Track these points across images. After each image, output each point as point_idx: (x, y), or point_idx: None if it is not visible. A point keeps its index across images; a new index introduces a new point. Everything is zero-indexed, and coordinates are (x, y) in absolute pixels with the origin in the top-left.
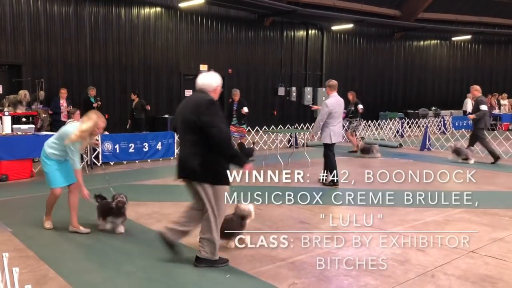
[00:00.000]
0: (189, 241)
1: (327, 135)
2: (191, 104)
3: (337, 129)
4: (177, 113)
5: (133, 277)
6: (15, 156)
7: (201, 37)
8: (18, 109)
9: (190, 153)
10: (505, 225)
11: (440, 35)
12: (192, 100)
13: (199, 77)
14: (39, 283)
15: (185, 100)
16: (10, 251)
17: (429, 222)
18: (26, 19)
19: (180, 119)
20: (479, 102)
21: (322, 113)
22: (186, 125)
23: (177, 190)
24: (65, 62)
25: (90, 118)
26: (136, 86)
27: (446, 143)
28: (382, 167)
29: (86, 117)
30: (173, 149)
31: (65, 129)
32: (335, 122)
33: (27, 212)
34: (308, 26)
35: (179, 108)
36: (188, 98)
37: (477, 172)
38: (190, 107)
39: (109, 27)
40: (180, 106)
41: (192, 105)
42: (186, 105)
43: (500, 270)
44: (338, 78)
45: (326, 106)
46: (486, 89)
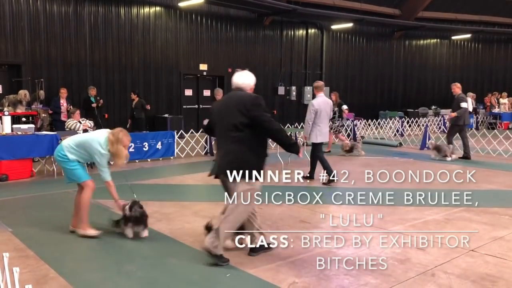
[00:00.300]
0: (188, 240)
1: (314, 134)
2: (235, 101)
3: (323, 129)
4: (217, 111)
5: (134, 276)
6: (15, 156)
7: (201, 36)
8: (18, 108)
9: (236, 150)
10: (505, 223)
11: (440, 34)
12: (236, 98)
13: (236, 77)
14: (39, 283)
15: (224, 99)
16: (10, 251)
17: (429, 221)
18: (26, 18)
19: (223, 117)
20: (460, 100)
21: (310, 113)
22: (231, 123)
23: (177, 189)
24: (64, 62)
25: (119, 140)
26: (136, 85)
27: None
28: (382, 166)
29: (114, 137)
30: (173, 148)
31: (89, 141)
32: (322, 122)
33: (27, 212)
34: (308, 25)
35: (218, 106)
36: (227, 96)
37: (476, 171)
38: (235, 105)
39: (108, 27)
40: (219, 104)
41: (237, 103)
42: (228, 103)
43: (500, 269)
44: (338, 77)
45: (312, 106)
46: (486, 88)
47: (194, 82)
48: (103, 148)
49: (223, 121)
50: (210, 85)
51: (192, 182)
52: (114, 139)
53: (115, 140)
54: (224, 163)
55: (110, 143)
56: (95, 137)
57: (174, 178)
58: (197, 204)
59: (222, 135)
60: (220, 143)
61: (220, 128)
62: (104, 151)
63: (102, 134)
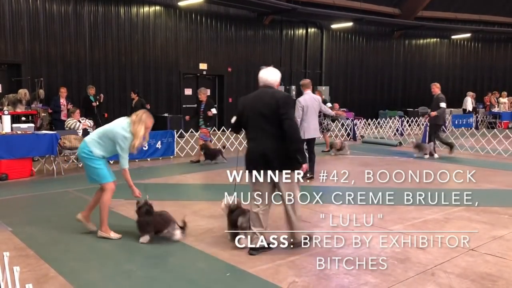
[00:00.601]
0: (188, 239)
1: (301, 132)
2: (267, 98)
3: (311, 125)
4: (249, 107)
5: (134, 276)
6: (15, 155)
7: (201, 35)
8: (17, 108)
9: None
10: (505, 223)
11: (439, 34)
12: (267, 95)
13: (264, 73)
14: (39, 282)
15: (255, 95)
16: (10, 250)
17: (429, 220)
18: (26, 18)
19: (257, 112)
20: (439, 99)
21: (298, 110)
22: (268, 118)
23: (177, 189)
24: (64, 61)
25: (141, 120)
26: (136, 84)
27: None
28: (382, 165)
29: (137, 117)
30: (172, 147)
31: (112, 128)
32: (309, 119)
33: (27, 211)
34: (307, 24)
35: (249, 101)
36: (258, 93)
37: (476, 171)
38: (268, 101)
39: (108, 26)
40: (250, 100)
41: (270, 99)
42: (260, 99)
43: (500, 268)
44: (338, 76)
45: (299, 103)
46: (485, 87)
47: (194, 82)
48: (126, 131)
49: (259, 116)
50: (210, 85)
51: (192, 181)
52: (137, 119)
53: (137, 119)
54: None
55: (132, 123)
56: (117, 123)
57: (174, 177)
58: (197, 204)
59: (255, 130)
60: (253, 137)
61: (254, 123)
62: (128, 134)
63: (124, 119)
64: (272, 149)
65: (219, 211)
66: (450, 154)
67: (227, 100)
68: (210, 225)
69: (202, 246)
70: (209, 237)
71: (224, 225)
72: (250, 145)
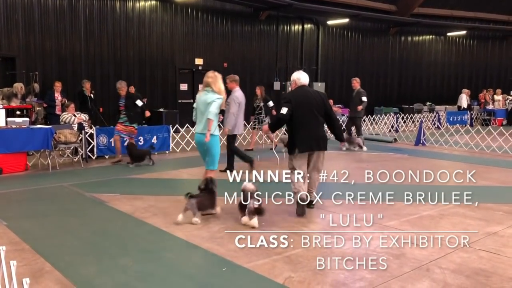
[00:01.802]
0: (184, 234)
1: (236, 127)
2: (315, 95)
3: (241, 121)
4: (303, 102)
5: (129, 270)
6: (10, 149)
7: (197, 30)
8: (12, 102)
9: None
10: (499, 219)
11: (435, 31)
12: (314, 92)
13: (301, 75)
14: (35, 276)
15: (303, 92)
16: (5, 244)
17: (424, 217)
18: (20, 11)
19: (312, 106)
20: (361, 94)
21: (234, 106)
22: (319, 110)
23: (172, 184)
24: (59, 55)
25: (217, 77)
26: (131, 79)
27: (441, 138)
28: (378, 161)
29: (213, 79)
30: (168, 143)
31: (207, 99)
32: (241, 115)
33: (22, 206)
34: (303, 20)
35: (300, 97)
36: (305, 90)
37: (470, 167)
38: (317, 97)
39: (104, 20)
40: (301, 96)
41: (318, 96)
42: (310, 96)
43: (494, 264)
44: (333, 72)
45: (237, 99)
46: (480, 85)
47: (189, 77)
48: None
49: (314, 109)
50: None
51: (187, 176)
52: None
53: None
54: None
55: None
56: (207, 96)
57: (169, 172)
58: None
59: (310, 119)
60: (307, 125)
61: (309, 113)
62: (219, 97)
63: (211, 93)
64: (323, 134)
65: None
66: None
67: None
68: (205, 220)
69: (198, 241)
70: (205, 232)
71: (220, 220)
72: (301, 132)
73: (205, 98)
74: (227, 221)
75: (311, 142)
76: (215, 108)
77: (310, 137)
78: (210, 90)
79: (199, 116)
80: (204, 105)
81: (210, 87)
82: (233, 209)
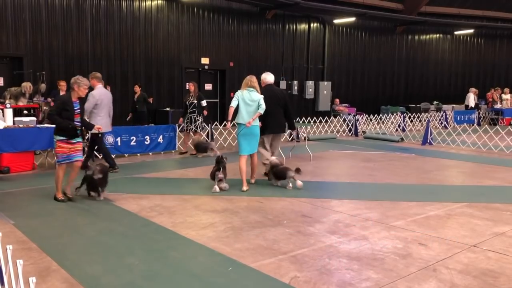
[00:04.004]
0: (190, 234)
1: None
2: (279, 92)
3: (104, 119)
4: (271, 96)
5: (135, 269)
6: (17, 149)
7: (203, 29)
8: (20, 101)
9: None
10: (507, 219)
11: (442, 29)
12: (278, 90)
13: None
14: (41, 275)
15: (271, 89)
16: (12, 243)
17: (431, 216)
18: (27, 10)
19: (277, 100)
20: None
21: (89, 103)
22: (280, 103)
23: (178, 183)
24: (66, 54)
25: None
26: (138, 78)
27: (448, 138)
28: (384, 161)
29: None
30: (174, 142)
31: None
32: (102, 113)
33: (29, 205)
34: (310, 19)
35: (268, 92)
36: (272, 87)
37: (477, 167)
38: (280, 94)
39: (110, 20)
40: (269, 91)
41: (281, 93)
42: (275, 92)
43: (502, 265)
44: (340, 71)
45: (93, 97)
46: (488, 84)
47: (195, 76)
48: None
49: (276, 102)
50: (211, 79)
51: (193, 175)
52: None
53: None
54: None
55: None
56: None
57: (176, 171)
58: (199, 198)
59: (275, 112)
60: (272, 116)
61: (273, 107)
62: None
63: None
64: (283, 122)
65: (221, 206)
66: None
67: (228, 95)
68: (211, 220)
69: (203, 241)
70: (211, 232)
71: (225, 219)
72: (269, 119)
73: (251, 96)
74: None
75: (274, 127)
76: (264, 105)
77: (274, 124)
78: (254, 90)
79: (246, 107)
80: (252, 101)
81: (255, 88)
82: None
